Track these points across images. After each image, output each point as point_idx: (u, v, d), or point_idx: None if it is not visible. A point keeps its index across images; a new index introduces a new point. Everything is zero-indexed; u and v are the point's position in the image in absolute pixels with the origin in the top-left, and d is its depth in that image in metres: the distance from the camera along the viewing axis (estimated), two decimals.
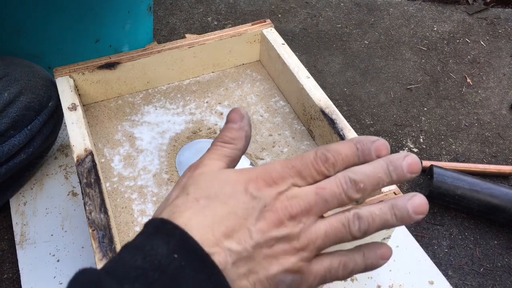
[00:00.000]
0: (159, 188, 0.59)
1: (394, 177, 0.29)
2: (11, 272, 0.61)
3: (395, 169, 0.29)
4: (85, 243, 0.62)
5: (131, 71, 0.67)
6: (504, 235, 0.68)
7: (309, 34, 1.04)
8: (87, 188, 0.49)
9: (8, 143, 0.59)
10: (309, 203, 0.29)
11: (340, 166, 0.30)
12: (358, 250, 0.31)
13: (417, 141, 0.81)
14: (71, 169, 0.70)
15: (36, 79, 0.63)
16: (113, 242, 0.45)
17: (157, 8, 1.10)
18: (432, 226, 0.69)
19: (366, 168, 0.29)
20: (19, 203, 0.66)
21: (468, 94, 0.91)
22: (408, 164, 0.29)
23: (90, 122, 0.66)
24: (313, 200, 0.29)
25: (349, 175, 0.29)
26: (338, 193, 0.29)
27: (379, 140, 0.30)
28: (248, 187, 0.29)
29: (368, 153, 0.30)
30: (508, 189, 0.68)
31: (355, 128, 0.83)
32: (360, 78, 0.94)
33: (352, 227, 0.29)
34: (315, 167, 0.30)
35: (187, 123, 0.67)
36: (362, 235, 0.30)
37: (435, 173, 0.69)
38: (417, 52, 1.01)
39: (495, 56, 1.01)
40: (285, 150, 0.63)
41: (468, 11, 1.13)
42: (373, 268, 0.31)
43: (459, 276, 0.63)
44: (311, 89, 0.62)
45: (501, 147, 0.81)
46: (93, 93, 0.67)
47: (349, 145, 0.30)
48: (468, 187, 0.67)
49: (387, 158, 0.30)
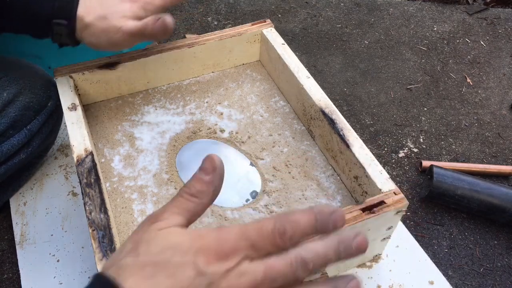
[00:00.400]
0: (159, 188, 0.59)
1: (342, 256, 0.30)
2: (11, 272, 0.61)
3: (345, 249, 0.30)
4: (85, 243, 0.62)
5: (131, 71, 0.67)
6: (504, 235, 0.68)
7: (309, 34, 1.04)
8: (87, 188, 0.49)
9: (7, 143, 0.59)
10: (256, 282, 0.29)
11: (297, 238, 0.30)
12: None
13: (417, 141, 0.81)
14: (71, 169, 0.70)
15: (35, 79, 0.63)
16: (113, 242, 0.45)
17: None
18: (432, 226, 0.69)
19: (319, 247, 0.30)
20: (19, 203, 0.66)
21: (468, 94, 0.91)
22: (358, 244, 0.30)
23: (90, 122, 0.66)
24: (260, 278, 0.29)
25: (302, 254, 0.29)
26: (287, 273, 0.29)
27: (337, 212, 0.30)
28: (197, 260, 0.29)
29: (326, 225, 0.30)
30: (508, 189, 0.68)
31: (355, 128, 0.83)
32: (360, 78, 0.94)
33: (298, 275, 0.30)
34: (271, 240, 0.30)
35: (187, 123, 0.67)
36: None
37: (435, 173, 0.69)
38: (417, 52, 1.01)
39: (495, 56, 1.01)
40: (285, 150, 0.63)
41: (468, 11, 1.13)
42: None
43: (459, 276, 0.63)
44: (311, 89, 0.62)
45: (501, 147, 0.81)
46: (93, 93, 0.67)
47: (309, 217, 0.30)
48: (468, 187, 0.67)
49: (339, 237, 0.30)
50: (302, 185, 0.59)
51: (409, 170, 0.76)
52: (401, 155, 0.79)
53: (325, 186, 0.59)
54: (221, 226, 0.38)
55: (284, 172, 0.61)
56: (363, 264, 0.60)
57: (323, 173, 0.61)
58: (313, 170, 0.61)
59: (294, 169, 0.61)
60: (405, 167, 0.77)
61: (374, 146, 0.80)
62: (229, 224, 0.55)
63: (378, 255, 0.60)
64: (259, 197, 0.58)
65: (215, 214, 0.56)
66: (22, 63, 0.65)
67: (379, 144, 0.81)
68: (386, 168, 0.77)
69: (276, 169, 0.61)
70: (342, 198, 0.58)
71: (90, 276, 0.58)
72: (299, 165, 0.62)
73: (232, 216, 0.56)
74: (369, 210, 0.48)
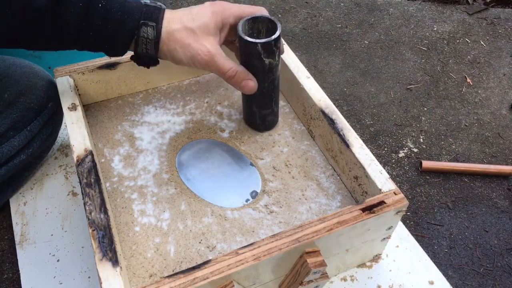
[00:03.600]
0: (159, 188, 0.59)
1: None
2: (11, 272, 0.61)
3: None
4: (85, 243, 0.62)
5: (131, 71, 0.67)
6: (504, 235, 0.68)
7: (309, 34, 1.04)
8: (87, 188, 0.50)
9: (7, 144, 0.59)
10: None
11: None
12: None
13: (417, 141, 0.81)
14: (71, 169, 0.70)
15: (36, 80, 0.63)
16: (113, 242, 0.45)
17: None
18: (432, 226, 0.69)
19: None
20: (19, 203, 0.66)
21: (468, 94, 0.91)
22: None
23: (90, 122, 0.66)
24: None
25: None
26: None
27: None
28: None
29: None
30: None
31: (355, 128, 0.83)
32: (360, 78, 0.94)
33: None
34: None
35: (187, 123, 0.67)
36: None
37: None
38: (417, 52, 1.01)
39: (495, 56, 1.01)
40: (285, 150, 0.63)
41: (468, 11, 1.13)
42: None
43: (459, 276, 0.63)
44: (311, 89, 0.62)
45: (501, 147, 0.81)
46: (93, 93, 0.67)
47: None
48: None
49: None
50: (302, 185, 0.59)
51: (409, 170, 0.76)
52: (401, 155, 0.79)
53: (325, 186, 0.59)
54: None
55: (284, 172, 0.61)
56: (363, 264, 0.60)
57: (323, 173, 0.61)
58: (313, 170, 0.61)
59: (294, 169, 0.61)
60: (405, 167, 0.77)
61: (374, 146, 0.80)
62: (229, 224, 0.55)
63: (378, 255, 0.60)
64: (259, 197, 0.58)
65: (215, 214, 0.56)
66: (22, 63, 0.65)
67: (379, 144, 0.81)
68: (386, 168, 0.77)
69: (276, 169, 0.61)
70: (342, 198, 0.58)
71: (90, 276, 0.58)
72: (299, 165, 0.62)
73: (232, 216, 0.56)
74: (369, 210, 0.48)
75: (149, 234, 0.54)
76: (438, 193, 0.73)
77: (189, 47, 0.50)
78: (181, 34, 0.50)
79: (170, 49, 0.51)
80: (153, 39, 0.50)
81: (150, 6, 0.50)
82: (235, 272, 0.43)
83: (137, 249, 0.53)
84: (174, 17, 0.51)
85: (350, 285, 0.58)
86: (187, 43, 0.50)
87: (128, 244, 0.53)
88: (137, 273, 0.51)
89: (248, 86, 0.54)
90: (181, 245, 0.53)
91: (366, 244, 0.54)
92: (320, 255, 0.47)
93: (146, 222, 0.55)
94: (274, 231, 0.54)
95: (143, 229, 0.54)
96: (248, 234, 0.54)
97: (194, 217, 0.55)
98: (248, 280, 0.46)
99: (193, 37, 0.50)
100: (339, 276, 0.58)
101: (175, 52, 0.51)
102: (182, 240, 0.53)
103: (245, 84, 0.54)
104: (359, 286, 0.58)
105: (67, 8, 0.47)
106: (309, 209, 0.57)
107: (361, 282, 0.58)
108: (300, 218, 0.56)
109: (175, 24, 0.50)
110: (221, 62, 0.51)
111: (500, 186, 0.74)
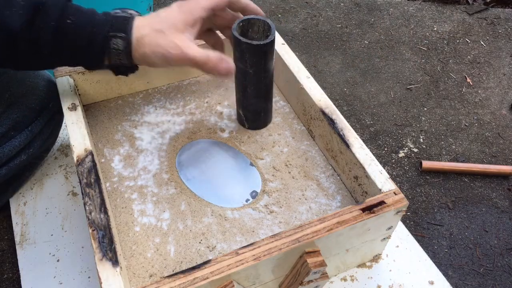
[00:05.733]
0: (159, 188, 0.59)
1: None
2: (11, 272, 0.61)
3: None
4: (85, 243, 0.62)
5: None
6: (504, 235, 0.68)
7: (309, 34, 1.04)
8: (87, 188, 0.50)
9: (8, 144, 0.59)
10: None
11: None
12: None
13: (417, 141, 0.81)
14: (71, 169, 0.70)
15: (37, 80, 0.63)
16: (113, 242, 0.45)
17: (157, 8, 1.10)
18: (432, 226, 0.69)
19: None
20: (19, 203, 0.66)
21: (468, 94, 0.91)
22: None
23: (90, 122, 0.66)
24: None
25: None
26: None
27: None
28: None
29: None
30: None
31: (355, 128, 0.83)
32: (360, 78, 0.94)
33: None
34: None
35: (187, 123, 0.67)
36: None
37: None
38: (417, 52, 1.01)
39: (495, 56, 1.01)
40: (285, 150, 0.63)
41: (468, 11, 1.13)
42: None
43: (459, 276, 0.63)
44: (311, 89, 0.62)
45: (501, 147, 0.81)
46: (93, 93, 0.67)
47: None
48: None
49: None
50: (302, 185, 0.59)
51: (409, 170, 0.76)
52: (401, 155, 0.79)
53: (325, 186, 0.59)
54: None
55: (284, 172, 0.61)
56: (363, 264, 0.60)
57: (323, 173, 0.61)
58: (313, 170, 0.61)
59: (294, 169, 0.61)
60: (405, 167, 0.77)
61: (374, 146, 0.80)
62: (229, 224, 0.55)
63: (378, 255, 0.60)
64: (259, 197, 0.58)
65: (215, 214, 0.56)
66: None
67: (379, 144, 0.81)
68: (386, 168, 0.77)
69: (276, 169, 0.61)
70: (342, 198, 0.58)
71: (90, 276, 0.58)
72: (299, 165, 0.62)
73: (232, 216, 0.56)
74: (369, 210, 0.48)
75: (149, 234, 0.54)
76: (438, 193, 0.73)
77: (159, 48, 0.51)
78: (150, 38, 0.51)
79: (142, 54, 0.51)
80: (123, 49, 0.50)
81: (119, 17, 0.51)
82: (235, 272, 0.43)
83: (137, 249, 0.53)
84: (143, 24, 0.51)
85: (350, 285, 0.58)
86: (156, 44, 0.51)
87: (128, 244, 0.53)
88: (137, 273, 0.51)
89: (224, 67, 0.53)
90: (181, 245, 0.53)
91: (366, 244, 0.54)
92: (320, 255, 0.47)
93: (146, 222, 0.55)
94: (274, 231, 0.54)
95: (143, 229, 0.54)
96: (248, 234, 0.54)
97: (194, 217, 0.55)
98: (248, 280, 0.46)
99: (162, 38, 0.51)
100: (339, 276, 0.58)
101: (147, 56, 0.52)
102: (182, 240, 0.53)
103: (221, 66, 0.53)
104: (359, 286, 0.58)
105: (40, 27, 0.47)
106: (309, 209, 0.57)
107: (361, 282, 0.58)
108: (300, 218, 0.56)
109: (144, 30, 0.51)
110: (191, 52, 0.51)
111: (500, 186, 0.75)
